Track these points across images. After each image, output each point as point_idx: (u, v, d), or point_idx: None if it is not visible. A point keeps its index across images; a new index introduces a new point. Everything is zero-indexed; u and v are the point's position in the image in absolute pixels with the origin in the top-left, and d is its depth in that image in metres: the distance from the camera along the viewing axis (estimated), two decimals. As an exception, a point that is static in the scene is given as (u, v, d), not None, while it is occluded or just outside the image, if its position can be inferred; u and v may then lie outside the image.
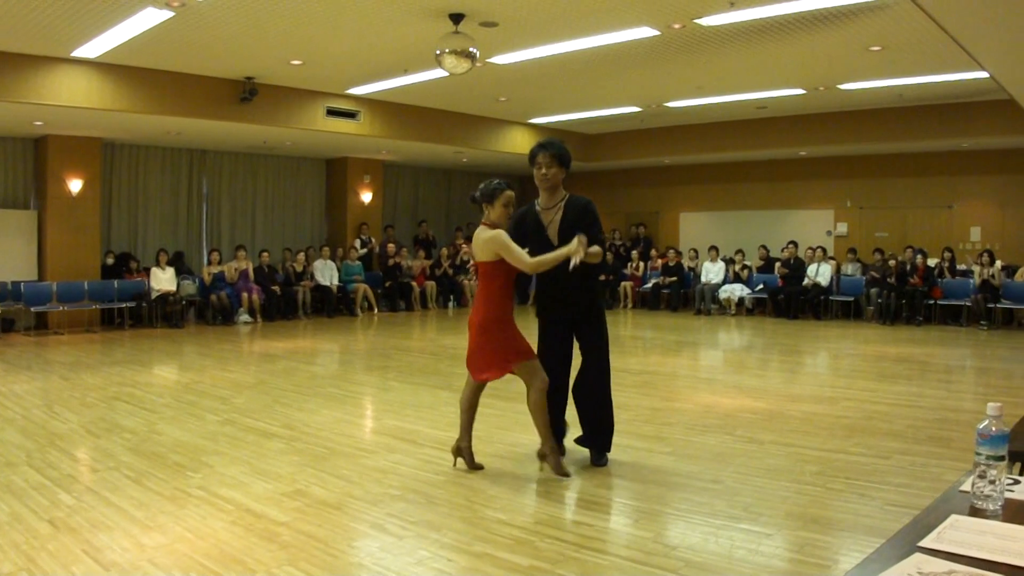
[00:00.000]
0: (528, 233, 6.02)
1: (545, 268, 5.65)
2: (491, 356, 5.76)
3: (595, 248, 5.70)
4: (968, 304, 15.85)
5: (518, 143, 19.01)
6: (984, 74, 10.73)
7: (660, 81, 14.18)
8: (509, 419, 7.59)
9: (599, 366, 6.03)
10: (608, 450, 6.07)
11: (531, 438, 6.70)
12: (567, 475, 5.68)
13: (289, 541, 4.38)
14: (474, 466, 5.84)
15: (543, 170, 6.03)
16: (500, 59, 12.32)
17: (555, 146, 6.11)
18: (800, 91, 14.73)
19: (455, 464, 5.93)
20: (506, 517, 4.82)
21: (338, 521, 4.75)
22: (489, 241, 5.65)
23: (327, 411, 7.94)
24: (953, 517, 2.10)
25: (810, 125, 17.24)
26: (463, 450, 5.90)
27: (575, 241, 5.53)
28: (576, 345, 6.13)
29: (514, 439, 6.81)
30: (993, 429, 2.18)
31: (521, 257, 5.62)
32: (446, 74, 10.82)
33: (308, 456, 6.20)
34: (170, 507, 4.93)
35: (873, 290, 16.73)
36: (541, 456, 5.79)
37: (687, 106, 16.43)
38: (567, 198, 6.15)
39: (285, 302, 17.06)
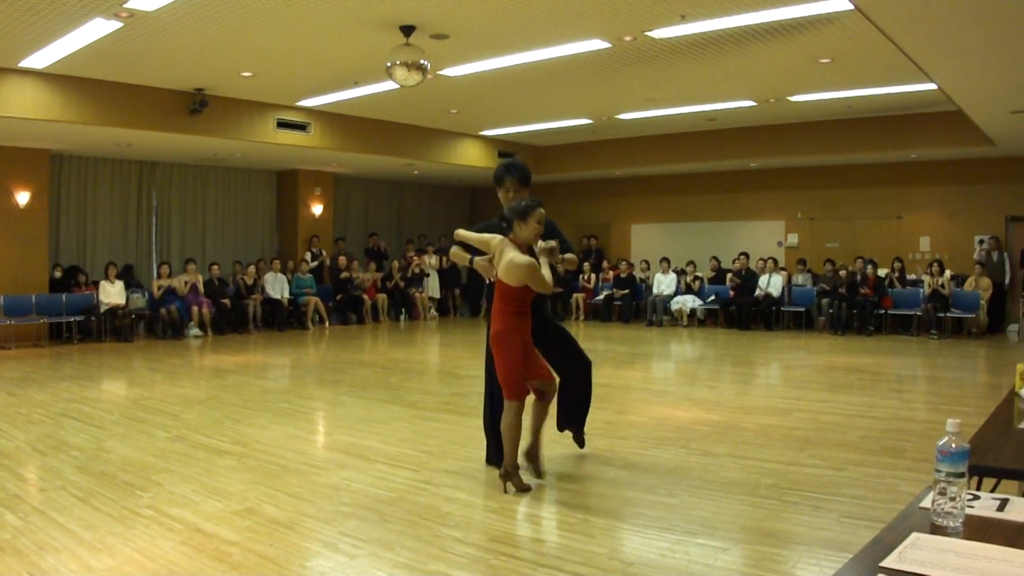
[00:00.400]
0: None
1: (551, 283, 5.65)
2: (503, 371, 5.70)
3: (571, 255, 5.98)
4: (918, 314, 16.06)
5: (469, 155, 19.00)
6: (932, 86, 10.87)
7: (611, 93, 14.22)
8: (461, 434, 7.55)
9: (577, 354, 6.46)
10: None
11: (483, 454, 6.64)
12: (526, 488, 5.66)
13: (240, 561, 4.32)
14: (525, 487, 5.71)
15: (511, 193, 6.16)
16: (451, 71, 12.30)
17: (519, 168, 6.26)
18: (750, 103, 14.85)
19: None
20: (460, 535, 4.78)
21: (290, 540, 4.68)
22: (524, 268, 5.50)
23: (278, 427, 7.85)
24: (914, 535, 2.10)
25: (760, 137, 17.38)
26: (532, 454, 5.96)
27: (549, 242, 5.67)
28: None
29: (468, 454, 6.77)
30: (953, 446, 2.19)
31: (548, 283, 5.57)
32: (397, 86, 10.78)
33: (259, 473, 6.12)
34: (119, 527, 4.83)
35: (824, 300, 16.89)
36: (505, 475, 5.69)
37: (638, 118, 16.49)
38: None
39: (235, 316, 16.89)
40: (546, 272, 5.54)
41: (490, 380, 6.17)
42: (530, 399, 5.86)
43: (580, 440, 6.68)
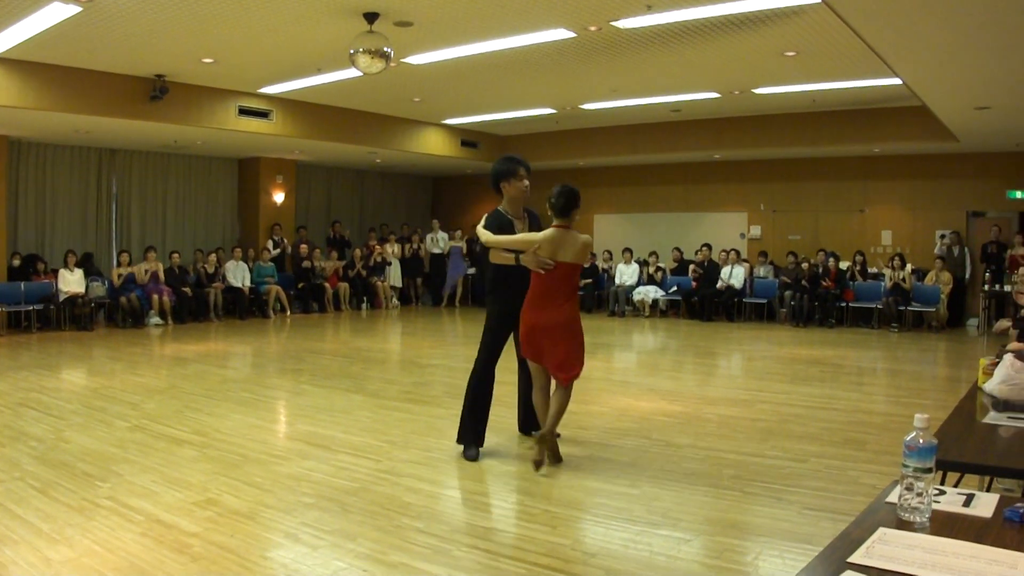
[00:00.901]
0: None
1: None
2: (580, 351, 6.06)
3: None
4: (879, 307, 16.16)
5: (432, 144, 18.93)
6: (897, 80, 10.92)
7: (575, 83, 14.20)
8: (423, 423, 7.55)
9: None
10: None
11: (447, 443, 6.67)
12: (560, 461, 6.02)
13: (200, 553, 4.27)
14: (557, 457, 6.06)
15: (525, 182, 6.39)
16: (415, 59, 12.22)
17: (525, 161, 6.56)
18: (715, 95, 14.88)
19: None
20: (422, 525, 4.76)
21: (251, 531, 4.64)
22: (587, 246, 6.09)
23: (239, 416, 7.78)
24: (881, 530, 2.10)
25: (724, 129, 17.41)
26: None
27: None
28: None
29: (428, 444, 6.76)
30: (921, 441, 2.18)
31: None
32: (360, 74, 10.69)
33: (220, 463, 6.06)
34: (78, 519, 4.77)
35: (786, 292, 16.98)
36: (544, 440, 5.95)
37: (602, 108, 16.48)
38: (526, 209, 6.49)
39: (196, 304, 16.73)
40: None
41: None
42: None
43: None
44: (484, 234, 6.21)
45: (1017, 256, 15.23)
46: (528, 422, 6.85)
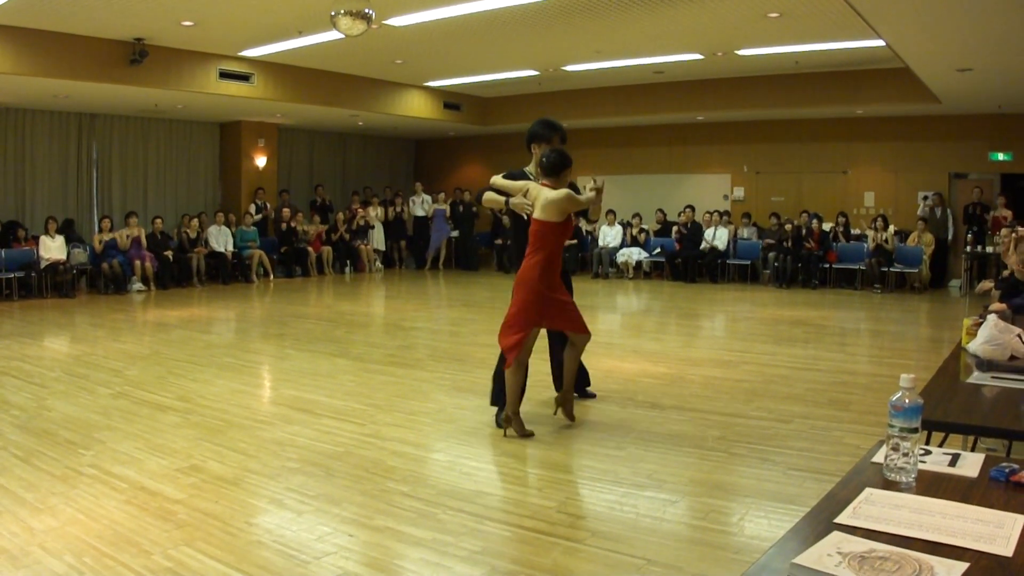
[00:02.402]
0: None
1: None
2: (511, 319, 5.91)
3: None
4: (862, 268, 16.19)
5: (415, 106, 18.81)
6: (880, 42, 10.88)
7: (558, 45, 14.09)
8: (408, 387, 7.55)
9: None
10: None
11: (431, 407, 6.68)
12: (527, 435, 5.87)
13: (185, 519, 4.25)
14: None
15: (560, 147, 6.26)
16: (397, 20, 12.10)
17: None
18: (698, 56, 14.79)
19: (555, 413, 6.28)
20: (407, 489, 4.76)
21: (235, 497, 4.63)
22: (555, 203, 5.76)
23: (223, 382, 7.76)
24: (867, 491, 2.10)
25: (708, 90, 17.31)
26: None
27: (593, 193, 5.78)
28: None
29: (413, 407, 6.76)
30: (907, 401, 2.16)
31: (584, 202, 5.88)
32: (341, 36, 10.57)
33: (203, 429, 6.04)
34: (61, 487, 4.74)
35: (770, 254, 17.00)
36: (562, 401, 6.21)
37: (585, 70, 16.38)
38: (571, 183, 6.36)
39: (179, 269, 16.65)
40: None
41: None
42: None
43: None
44: (495, 179, 6.23)
45: (999, 217, 15.26)
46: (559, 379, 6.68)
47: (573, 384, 6.26)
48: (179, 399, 7.03)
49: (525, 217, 6.03)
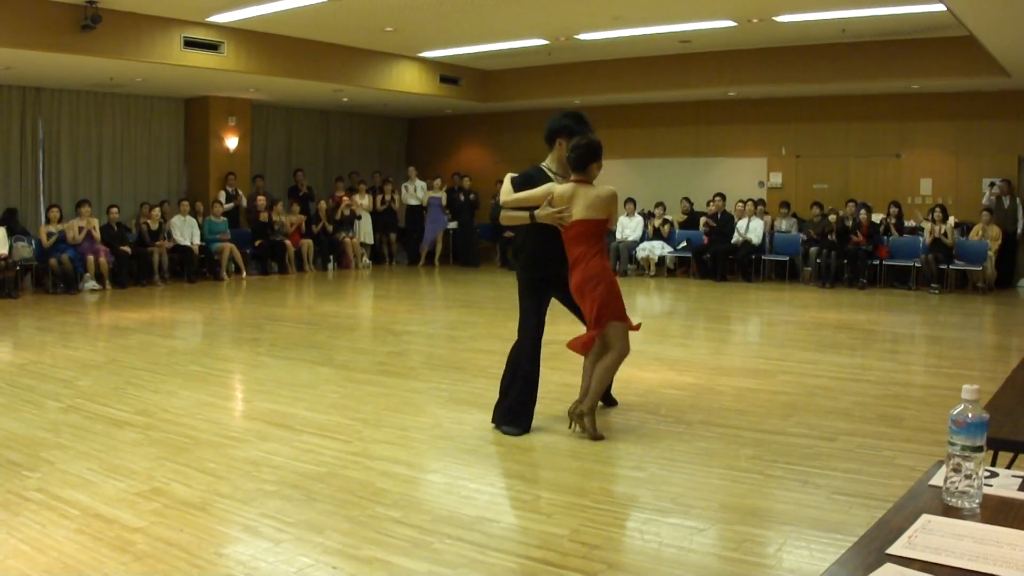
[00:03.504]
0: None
1: None
2: (594, 314, 6.36)
3: None
4: (917, 265, 16.14)
5: (407, 80, 18.82)
6: (939, 7, 10.85)
7: (571, 10, 14.10)
8: (399, 399, 7.57)
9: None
10: None
11: (425, 421, 6.69)
12: (601, 437, 6.21)
13: (145, 550, 4.26)
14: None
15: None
16: (387, -17, 12.15)
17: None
18: (730, 23, 14.76)
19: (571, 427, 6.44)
20: (399, 515, 4.77)
21: (203, 524, 4.63)
22: (605, 199, 6.31)
23: (188, 393, 7.77)
24: (925, 518, 2.09)
25: (741, 62, 17.26)
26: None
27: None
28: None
29: (405, 422, 6.77)
30: (969, 416, 2.15)
31: None
32: None
33: (167, 447, 6.04)
34: (2, 515, 4.74)
35: (811, 249, 16.95)
36: (579, 415, 6.31)
37: (601, 39, 16.36)
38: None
39: (138, 265, 16.67)
40: None
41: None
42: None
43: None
44: (504, 193, 6.42)
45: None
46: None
47: (598, 396, 6.49)
48: (139, 413, 7.03)
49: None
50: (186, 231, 17.43)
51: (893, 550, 1.91)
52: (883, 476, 5.35)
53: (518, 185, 6.45)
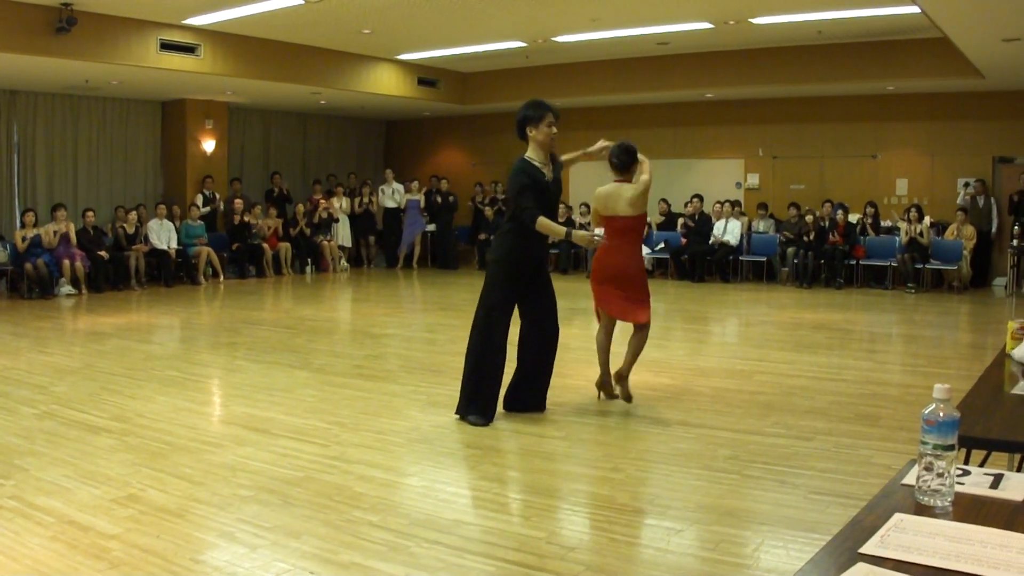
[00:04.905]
0: (540, 189, 6.82)
1: None
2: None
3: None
4: (894, 265, 16.25)
5: (385, 83, 18.81)
6: (914, 9, 10.89)
7: (548, 12, 14.10)
8: (377, 402, 7.56)
9: (555, 321, 7.09)
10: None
11: (403, 425, 6.69)
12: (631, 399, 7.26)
13: (121, 558, 4.23)
14: (613, 396, 7.39)
15: (553, 128, 6.98)
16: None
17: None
18: (707, 25, 14.78)
19: (600, 397, 7.45)
20: (377, 519, 4.76)
21: (179, 530, 4.61)
22: (637, 196, 7.31)
23: (165, 398, 7.73)
24: (897, 516, 2.09)
25: (718, 64, 17.29)
26: (605, 384, 7.43)
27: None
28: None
29: (382, 425, 6.76)
30: (941, 415, 2.16)
31: None
32: (301, 1, 10.58)
33: (143, 453, 6.01)
34: (-25, 522, 4.74)
35: (789, 249, 17.03)
36: (622, 376, 7.29)
37: (579, 41, 16.38)
38: (551, 155, 7.11)
39: (114, 270, 16.57)
40: None
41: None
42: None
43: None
44: (549, 225, 6.69)
45: (1050, 206, 15.34)
46: (516, 401, 7.04)
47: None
48: (114, 419, 7.00)
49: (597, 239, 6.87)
50: (163, 235, 17.35)
51: (866, 549, 1.91)
52: (860, 475, 5.38)
53: (527, 183, 6.69)
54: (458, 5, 13.59)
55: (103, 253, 16.37)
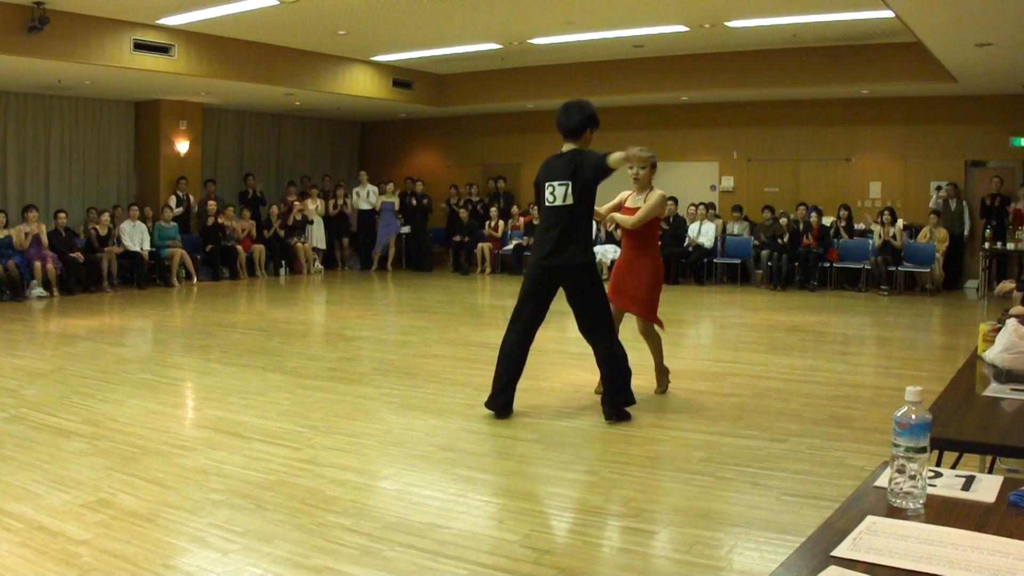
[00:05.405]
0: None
1: None
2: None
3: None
4: (867, 267, 16.34)
5: (360, 84, 18.78)
6: (888, 13, 10.96)
7: (524, 14, 14.11)
8: (350, 405, 7.54)
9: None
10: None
11: (377, 427, 6.67)
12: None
13: (91, 563, 4.20)
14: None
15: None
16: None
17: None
18: (682, 28, 14.83)
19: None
20: (349, 523, 4.74)
21: (150, 535, 4.57)
22: (655, 204, 8.23)
23: (136, 402, 7.67)
24: (869, 519, 2.10)
25: (693, 67, 17.35)
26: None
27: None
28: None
29: (356, 428, 6.75)
30: (913, 417, 2.16)
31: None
32: (276, 2, 10.55)
33: (114, 457, 5.97)
34: (-58, 527, 4.69)
35: (763, 252, 17.09)
36: (663, 371, 7.99)
37: (554, 43, 16.41)
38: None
39: (87, 272, 16.48)
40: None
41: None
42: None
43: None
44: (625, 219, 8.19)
45: (1021, 210, 15.42)
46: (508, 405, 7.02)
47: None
48: (85, 422, 6.95)
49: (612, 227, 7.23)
50: (136, 237, 17.27)
51: (838, 552, 1.91)
52: (833, 477, 5.40)
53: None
54: (433, 7, 13.58)
55: (75, 255, 16.27)
